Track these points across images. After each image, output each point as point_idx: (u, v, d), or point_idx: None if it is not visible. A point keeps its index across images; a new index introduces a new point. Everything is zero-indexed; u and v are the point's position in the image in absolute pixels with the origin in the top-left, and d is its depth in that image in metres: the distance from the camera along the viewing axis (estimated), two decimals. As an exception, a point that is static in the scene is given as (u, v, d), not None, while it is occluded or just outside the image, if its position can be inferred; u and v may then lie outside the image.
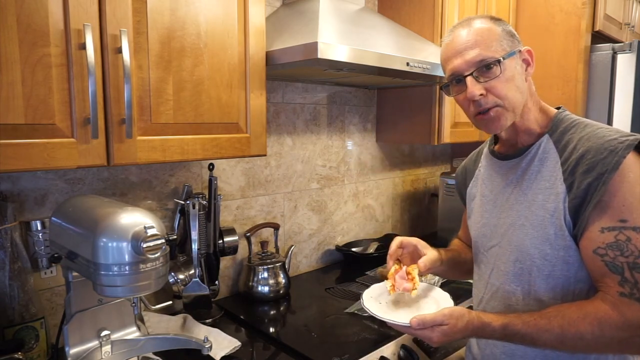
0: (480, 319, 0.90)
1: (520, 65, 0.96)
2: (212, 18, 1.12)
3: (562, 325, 0.83)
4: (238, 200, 1.66)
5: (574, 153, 0.89)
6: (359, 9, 1.63)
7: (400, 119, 2.05)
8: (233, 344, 1.24)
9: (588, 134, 0.90)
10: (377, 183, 2.24)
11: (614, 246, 0.83)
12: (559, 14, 2.12)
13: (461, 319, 0.89)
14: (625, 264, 0.82)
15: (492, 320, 0.89)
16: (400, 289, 1.04)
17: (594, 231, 0.85)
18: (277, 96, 1.75)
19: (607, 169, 0.83)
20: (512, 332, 0.87)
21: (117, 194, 1.35)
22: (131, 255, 0.86)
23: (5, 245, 1.07)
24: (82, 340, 1.03)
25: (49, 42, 0.86)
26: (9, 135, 0.83)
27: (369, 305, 1.03)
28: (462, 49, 0.94)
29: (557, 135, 0.95)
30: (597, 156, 0.85)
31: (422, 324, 0.90)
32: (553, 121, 0.97)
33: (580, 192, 0.86)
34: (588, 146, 0.87)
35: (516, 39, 0.96)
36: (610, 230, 0.84)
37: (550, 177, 0.92)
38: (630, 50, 2.02)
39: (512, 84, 0.93)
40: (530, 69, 0.97)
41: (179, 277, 1.40)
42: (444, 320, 0.89)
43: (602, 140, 0.87)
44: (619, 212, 0.83)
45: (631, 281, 0.81)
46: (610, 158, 0.84)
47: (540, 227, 0.92)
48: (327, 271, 1.94)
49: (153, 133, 1.04)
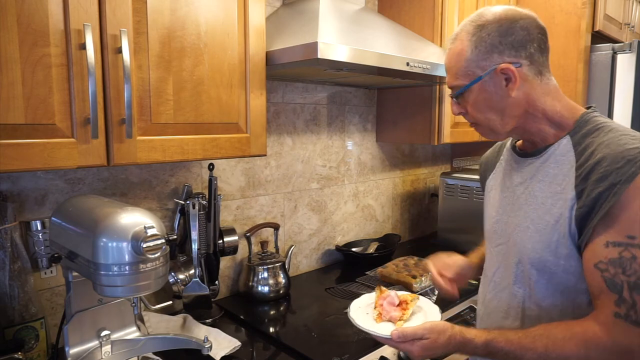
0: (463, 334, 0.88)
1: (498, 82, 0.89)
2: (212, 18, 1.12)
3: (547, 345, 0.81)
4: (238, 200, 1.66)
5: (591, 158, 0.83)
6: (359, 9, 1.63)
7: (400, 119, 2.05)
8: (233, 344, 1.24)
9: (609, 140, 0.83)
10: (377, 183, 2.24)
11: (617, 262, 0.77)
12: (559, 14, 2.12)
13: (443, 334, 0.88)
14: (626, 282, 0.76)
15: (475, 337, 0.87)
16: (387, 318, 1.03)
17: (599, 244, 0.80)
18: (277, 96, 1.75)
19: (621, 179, 0.77)
20: (494, 349, 0.85)
21: (117, 194, 1.35)
22: (131, 255, 0.86)
23: (5, 245, 1.07)
24: (82, 340, 1.03)
25: (49, 42, 0.86)
26: (9, 135, 0.83)
27: (354, 315, 1.04)
28: (446, 69, 0.98)
29: (578, 137, 0.88)
30: (612, 165, 0.79)
31: (402, 336, 0.89)
32: (577, 122, 0.90)
33: (589, 201, 0.81)
34: (605, 153, 0.81)
35: (496, 52, 0.87)
36: (615, 246, 0.78)
37: (563, 181, 0.87)
38: (630, 50, 2.02)
39: (483, 106, 0.92)
40: (513, 84, 0.88)
41: (179, 277, 1.40)
42: (425, 334, 0.88)
43: (621, 148, 0.80)
44: (628, 228, 0.77)
45: (629, 302, 0.75)
46: (627, 168, 0.77)
47: (544, 232, 0.89)
48: (327, 271, 1.94)
49: (153, 133, 1.04)
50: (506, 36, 0.87)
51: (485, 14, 0.91)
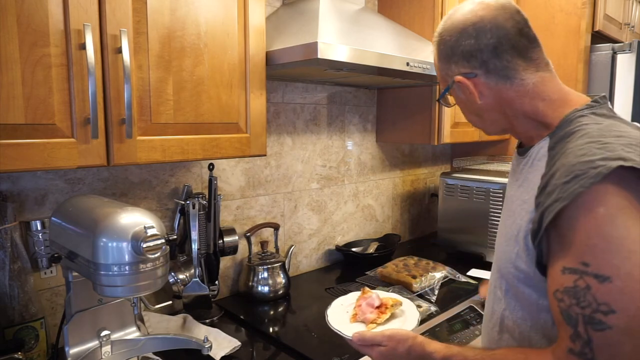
0: (423, 347, 0.86)
1: (463, 90, 0.87)
2: (212, 18, 1.12)
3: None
4: (238, 200, 1.66)
5: (552, 168, 0.74)
6: (359, 9, 1.63)
7: (400, 119, 2.05)
8: (233, 344, 1.24)
9: (572, 148, 0.73)
10: (377, 183, 2.24)
11: (571, 292, 0.68)
12: (559, 14, 2.12)
13: (402, 344, 0.87)
14: (580, 316, 0.66)
15: (435, 351, 0.84)
16: (361, 319, 1.03)
17: (556, 269, 0.71)
18: (277, 96, 1.75)
19: (562, 196, 0.68)
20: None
21: (117, 194, 1.35)
22: (131, 255, 0.86)
23: (5, 245, 1.07)
24: (82, 340, 1.03)
25: (49, 42, 0.86)
26: (9, 135, 0.83)
27: (330, 312, 1.06)
28: None
29: (553, 141, 0.80)
30: (560, 179, 0.70)
31: (362, 340, 0.89)
32: (560, 122, 0.81)
33: (537, 217, 0.74)
34: (560, 164, 0.72)
35: (452, 62, 0.86)
36: (570, 273, 0.68)
37: (531, 190, 0.79)
38: (630, 50, 2.02)
39: (462, 110, 0.95)
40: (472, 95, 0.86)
41: (179, 277, 1.40)
42: (383, 341, 0.87)
43: (575, 160, 0.70)
44: (581, 253, 0.67)
45: (584, 338, 0.66)
46: (571, 184, 0.68)
47: (509, 242, 0.84)
48: (327, 271, 1.94)
49: (153, 133, 1.04)
50: (456, 47, 0.85)
51: (447, 19, 0.88)
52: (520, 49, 0.82)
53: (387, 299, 1.08)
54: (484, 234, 1.98)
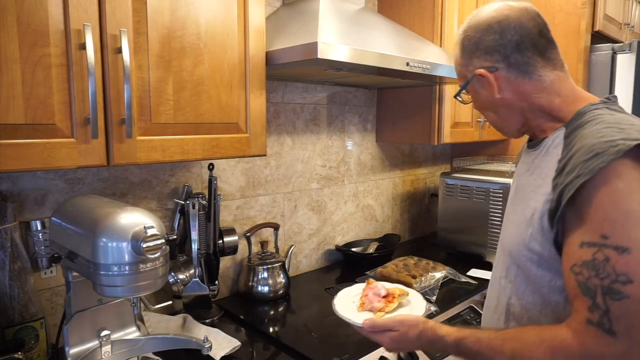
0: (435, 331, 0.87)
1: (484, 85, 0.92)
2: (212, 18, 1.12)
3: (515, 349, 0.78)
4: (238, 200, 1.66)
5: (570, 151, 0.80)
6: (359, 9, 1.63)
7: (400, 119, 2.05)
8: (233, 344, 1.24)
9: (590, 132, 0.79)
10: (377, 183, 2.24)
11: (590, 265, 0.72)
12: (559, 14, 2.12)
13: (413, 328, 0.88)
14: (599, 287, 0.70)
15: (447, 334, 0.86)
16: (368, 308, 1.04)
17: (574, 245, 0.75)
18: (277, 96, 1.75)
19: (583, 172, 0.73)
20: (464, 348, 0.84)
21: (117, 194, 1.35)
22: (131, 255, 0.86)
23: (5, 245, 1.07)
24: (82, 340, 1.03)
25: (49, 42, 0.86)
26: (9, 135, 0.83)
27: (338, 302, 1.06)
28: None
29: (570, 129, 0.85)
30: (581, 157, 0.75)
31: (373, 326, 0.90)
32: (575, 114, 0.87)
33: (556, 196, 0.78)
34: (581, 144, 0.78)
35: (475, 57, 0.91)
36: (589, 246, 0.73)
37: (547, 175, 0.85)
38: (630, 50, 2.03)
39: (479, 106, 0.98)
40: (492, 87, 0.91)
41: (179, 277, 1.40)
42: (394, 326, 0.88)
43: (595, 140, 0.75)
44: (600, 227, 0.72)
45: (602, 308, 0.70)
46: (592, 161, 0.73)
47: (521, 225, 0.88)
48: (327, 271, 1.94)
49: (153, 133, 1.04)
50: (480, 42, 0.91)
51: (472, 18, 0.94)
52: (540, 48, 0.89)
53: (393, 289, 1.09)
54: (484, 234, 1.98)
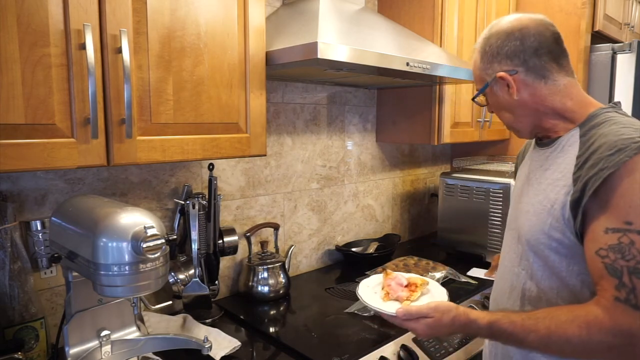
0: (467, 315, 0.91)
1: (502, 87, 0.99)
2: (212, 18, 1.12)
3: (549, 327, 0.83)
4: (238, 200, 1.66)
5: (590, 148, 0.89)
6: (359, 9, 1.63)
7: (400, 119, 2.05)
8: (233, 344, 1.24)
9: (609, 131, 0.88)
10: (377, 183, 2.24)
11: (616, 249, 0.80)
12: (559, 14, 2.12)
13: (447, 314, 0.91)
14: (625, 268, 0.79)
15: (479, 318, 0.90)
16: (394, 297, 1.06)
17: (598, 231, 0.83)
18: (277, 96, 1.75)
19: (608, 165, 0.82)
20: (498, 330, 0.87)
21: (117, 194, 1.35)
22: (131, 255, 0.86)
23: (5, 245, 1.07)
24: (82, 340, 1.03)
25: (49, 42, 0.86)
26: (9, 135, 0.83)
27: (362, 293, 1.07)
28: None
29: (585, 129, 0.94)
30: (604, 152, 0.84)
31: (407, 314, 0.93)
32: (588, 116, 0.96)
33: (580, 187, 0.86)
34: (602, 142, 0.86)
35: (496, 62, 0.99)
36: (614, 232, 0.81)
37: (564, 169, 0.93)
38: (630, 50, 2.03)
39: (496, 107, 1.05)
40: (512, 89, 0.98)
41: (179, 277, 1.40)
42: (429, 313, 0.91)
43: (617, 138, 0.85)
44: (625, 214, 0.81)
45: (629, 286, 0.78)
46: (616, 156, 0.82)
47: (540, 215, 0.94)
48: (327, 271, 1.94)
49: (153, 133, 1.04)
50: (502, 48, 0.98)
51: (493, 26, 1.02)
52: (555, 55, 0.97)
53: (415, 279, 1.12)
54: (484, 234, 1.98)
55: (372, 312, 1.06)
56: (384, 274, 1.15)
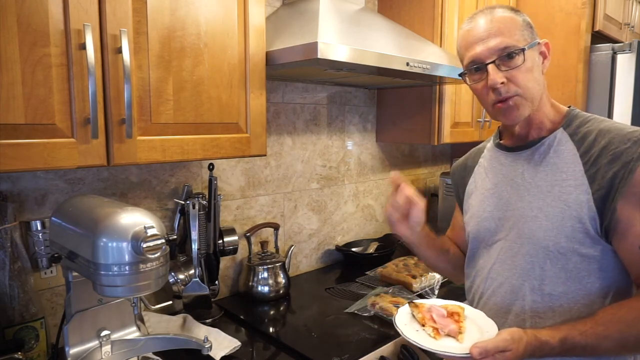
0: (537, 338, 0.84)
1: (539, 57, 0.97)
2: (212, 18, 1.12)
3: (621, 330, 0.82)
4: (238, 200, 1.66)
5: (596, 145, 0.89)
6: (359, 9, 1.63)
7: (400, 119, 2.05)
8: (233, 344, 1.24)
9: (608, 127, 0.91)
10: (377, 183, 2.24)
11: None
12: (559, 14, 2.12)
13: (521, 342, 0.83)
14: None
15: (550, 337, 0.84)
16: (446, 332, 0.92)
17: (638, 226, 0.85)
18: (277, 96, 1.75)
19: (633, 157, 0.84)
20: (571, 345, 0.83)
21: (117, 194, 1.35)
22: (131, 255, 0.86)
23: (5, 245, 1.07)
24: (82, 340, 1.03)
25: (49, 42, 0.86)
26: (9, 135, 0.83)
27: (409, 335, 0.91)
28: (484, 36, 0.93)
29: (572, 128, 0.95)
30: (620, 146, 0.86)
31: (484, 352, 0.80)
32: (567, 116, 0.98)
33: (606, 183, 0.86)
34: (610, 137, 0.88)
35: (534, 31, 0.96)
36: None
37: (569, 169, 0.92)
38: (630, 50, 2.02)
39: (531, 75, 0.93)
40: (547, 62, 0.98)
41: (179, 277, 1.40)
42: (508, 346, 0.82)
43: (623, 132, 0.88)
44: None
45: None
46: (635, 148, 0.85)
47: (557, 218, 0.92)
48: (327, 271, 1.94)
49: (153, 133, 1.04)
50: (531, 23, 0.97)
51: (505, 6, 0.99)
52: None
53: (453, 307, 0.99)
54: (484, 234, 1.97)
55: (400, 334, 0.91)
56: (411, 306, 1.01)
